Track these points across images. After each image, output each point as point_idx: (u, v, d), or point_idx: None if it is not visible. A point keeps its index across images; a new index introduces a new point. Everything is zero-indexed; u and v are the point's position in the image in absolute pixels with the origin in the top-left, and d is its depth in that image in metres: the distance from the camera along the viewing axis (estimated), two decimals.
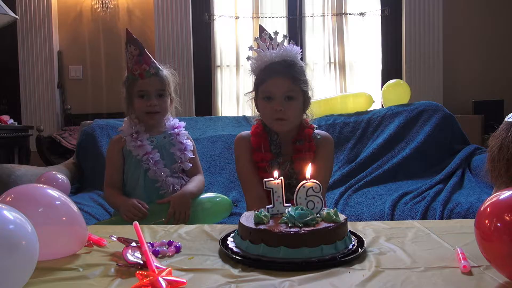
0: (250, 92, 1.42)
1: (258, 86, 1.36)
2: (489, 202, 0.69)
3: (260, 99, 1.36)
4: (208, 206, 1.54)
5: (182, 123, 1.61)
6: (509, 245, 0.63)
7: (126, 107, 1.55)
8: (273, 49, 1.34)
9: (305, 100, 1.37)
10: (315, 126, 1.42)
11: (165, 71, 1.55)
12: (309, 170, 0.90)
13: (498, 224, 0.65)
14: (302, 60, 1.38)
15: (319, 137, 1.39)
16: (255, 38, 1.37)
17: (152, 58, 1.52)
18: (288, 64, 1.32)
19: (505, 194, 0.68)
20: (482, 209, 0.69)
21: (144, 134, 1.52)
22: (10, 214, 0.63)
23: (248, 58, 1.38)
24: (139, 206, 1.38)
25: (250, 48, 1.37)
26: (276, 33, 1.34)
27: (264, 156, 1.35)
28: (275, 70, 1.31)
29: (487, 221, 0.67)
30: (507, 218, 0.64)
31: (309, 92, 1.37)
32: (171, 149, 1.53)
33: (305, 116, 1.41)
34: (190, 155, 1.55)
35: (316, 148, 1.37)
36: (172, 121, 1.60)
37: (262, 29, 1.38)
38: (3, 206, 0.64)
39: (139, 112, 1.52)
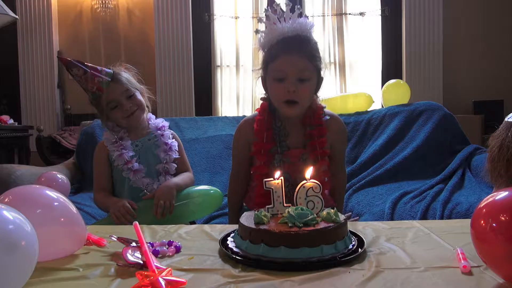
0: (258, 69, 1.29)
1: (268, 63, 1.24)
2: (485, 203, 0.68)
3: (270, 78, 1.24)
4: (197, 196, 1.49)
5: (166, 123, 1.57)
6: (505, 245, 0.63)
7: (104, 122, 1.51)
8: (285, 22, 1.21)
9: (319, 80, 1.27)
10: (324, 105, 1.33)
11: (120, 71, 1.49)
12: (309, 172, 0.90)
13: (494, 224, 0.64)
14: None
15: (328, 117, 1.31)
16: (265, 9, 1.25)
17: (98, 67, 1.46)
18: (302, 40, 1.20)
19: (501, 194, 0.67)
20: (478, 209, 0.69)
21: (127, 140, 1.49)
22: (9, 214, 0.63)
23: (257, 31, 1.25)
24: (128, 207, 1.35)
25: (259, 20, 1.25)
26: (288, 4, 1.24)
27: (263, 145, 1.27)
28: (288, 45, 1.19)
29: (482, 222, 0.66)
30: (503, 218, 0.64)
31: (322, 71, 1.27)
32: (155, 150, 1.51)
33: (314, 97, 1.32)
34: (175, 155, 1.52)
35: (327, 131, 1.29)
36: (155, 120, 1.57)
37: (271, 0, 1.27)
38: (2, 206, 0.64)
39: (119, 121, 1.49)
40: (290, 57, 1.19)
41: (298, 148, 1.29)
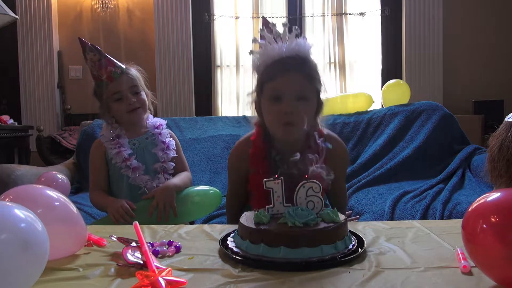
0: (252, 92, 1.21)
1: (263, 85, 1.15)
2: (476, 204, 0.68)
3: (265, 100, 1.14)
4: (196, 196, 1.49)
5: (163, 122, 1.58)
6: (496, 247, 0.62)
7: (103, 115, 1.51)
8: (282, 42, 1.13)
9: (319, 104, 1.18)
10: (325, 131, 1.21)
11: (132, 68, 1.52)
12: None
13: (485, 226, 0.64)
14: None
15: (330, 146, 1.16)
16: (260, 29, 1.17)
17: (113, 59, 1.48)
18: (301, 60, 1.13)
19: (493, 196, 0.67)
20: (469, 210, 0.68)
21: (124, 138, 1.49)
22: (21, 212, 0.63)
23: (251, 52, 1.17)
24: (127, 207, 1.35)
25: (254, 40, 1.17)
26: (285, 24, 1.15)
27: (260, 179, 0.99)
28: (286, 65, 1.11)
29: (473, 223, 0.66)
30: (494, 220, 0.63)
31: (321, 93, 1.18)
32: (153, 149, 1.51)
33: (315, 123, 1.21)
34: (172, 154, 1.52)
35: (328, 160, 1.12)
36: (153, 120, 1.57)
37: (266, 21, 1.20)
38: (13, 205, 0.64)
39: (120, 115, 1.48)
40: (288, 76, 1.11)
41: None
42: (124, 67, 1.50)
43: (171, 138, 1.56)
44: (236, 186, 1.31)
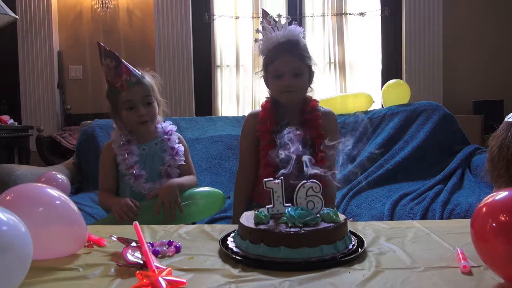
0: (260, 70, 1.56)
1: (267, 66, 1.50)
2: (484, 203, 0.68)
3: (270, 77, 1.50)
4: (199, 197, 1.50)
5: (173, 127, 1.58)
6: (505, 246, 0.63)
7: (113, 119, 1.52)
8: (278, 30, 1.47)
9: (310, 75, 1.51)
10: (318, 100, 1.56)
11: (146, 77, 1.50)
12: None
13: (494, 224, 0.64)
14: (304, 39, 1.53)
15: (322, 109, 1.54)
16: (260, 21, 1.51)
17: (130, 66, 1.47)
18: (293, 44, 1.46)
19: (501, 194, 0.67)
20: (477, 209, 0.69)
21: (134, 143, 1.50)
22: (3, 215, 0.62)
23: (256, 40, 1.51)
24: (131, 205, 1.36)
25: (257, 31, 1.51)
26: (279, 15, 1.49)
27: (267, 127, 1.48)
28: (282, 49, 1.45)
29: (482, 222, 0.66)
30: (503, 218, 0.64)
31: (312, 66, 1.51)
32: (162, 155, 1.52)
33: (309, 90, 1.55)
34: (180, 161, 1.53)
35: (321, 120, 1.50)
36: (164, 124, 1.57)
37: (265, 13, 1.53)
38: None
39: (129, 123, 1.49)
40: (285, 58, 1.45)
41: None
42: (139, 74, 1.48)
43: (180, 144, 1.57)
44: (245, 156, 1.56)
